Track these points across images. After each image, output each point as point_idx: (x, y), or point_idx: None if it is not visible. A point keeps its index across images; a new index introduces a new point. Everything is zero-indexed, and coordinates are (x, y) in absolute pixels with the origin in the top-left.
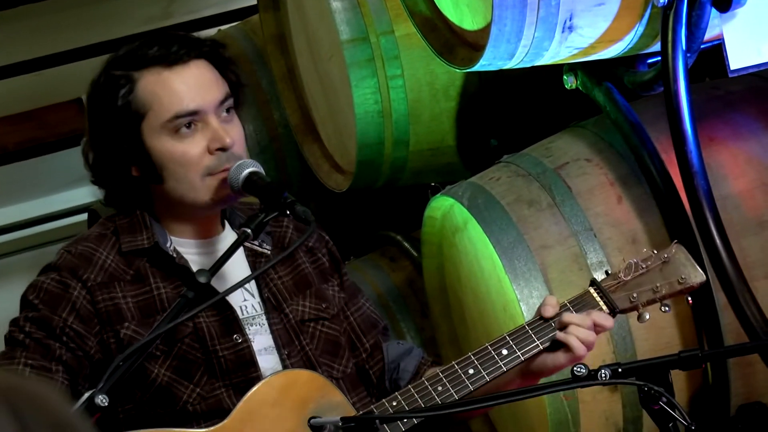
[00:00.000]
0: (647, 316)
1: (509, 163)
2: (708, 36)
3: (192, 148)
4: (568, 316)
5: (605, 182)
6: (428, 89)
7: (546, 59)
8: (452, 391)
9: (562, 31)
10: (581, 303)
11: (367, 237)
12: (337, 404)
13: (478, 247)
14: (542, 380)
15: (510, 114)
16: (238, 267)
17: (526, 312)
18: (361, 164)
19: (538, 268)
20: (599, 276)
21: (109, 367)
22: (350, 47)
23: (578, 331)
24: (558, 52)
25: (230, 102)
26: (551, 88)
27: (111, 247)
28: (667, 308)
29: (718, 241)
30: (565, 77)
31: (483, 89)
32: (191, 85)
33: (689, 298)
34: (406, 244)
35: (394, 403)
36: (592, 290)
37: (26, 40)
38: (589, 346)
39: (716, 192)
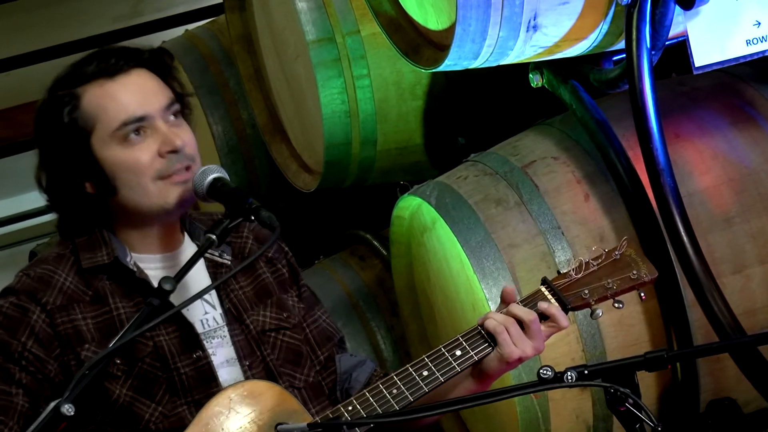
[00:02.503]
0: (600, 313)
1: (476, 161)
2: (672, 33)
3: (142, 154)
4: (511, 308)
5: (572, 180)
6: (395, 88)
7: (511, 58)
8: (407, 393)
9: (527, 31)
10: (533, 301)
11: (337, 236)
12: (294, 412)
13: (446, 246)
14: (514, 382)
15: (477, 112)
16: (199, 279)
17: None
18: (329, 164)
19: (506, 266)
20: None
21: (75, 377)
22: (316, 47)
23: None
24: (523, 51)
25: (176, 107)
26: (517, 86)
27: (70, 267)
28: (620, 304)
29: (685, 237)
30: (530, 75)
31: (449, 88)
32: (135, 93)
33: (642, 294)
34: (375, 243)
35: (350, 408)
36: (543, 288)
37: None
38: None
39: (682, 189)
